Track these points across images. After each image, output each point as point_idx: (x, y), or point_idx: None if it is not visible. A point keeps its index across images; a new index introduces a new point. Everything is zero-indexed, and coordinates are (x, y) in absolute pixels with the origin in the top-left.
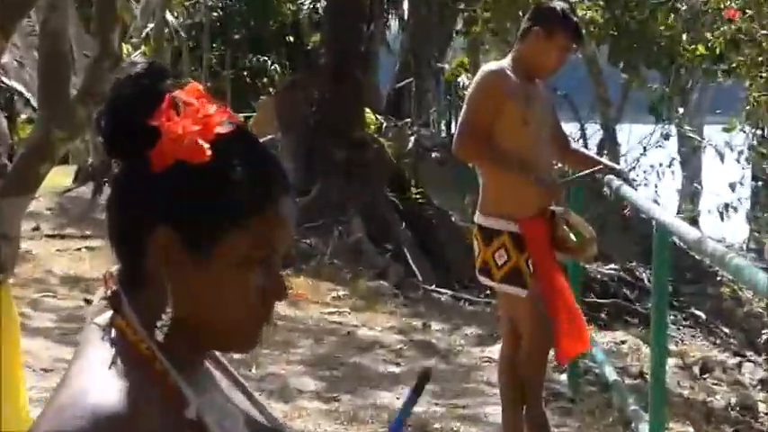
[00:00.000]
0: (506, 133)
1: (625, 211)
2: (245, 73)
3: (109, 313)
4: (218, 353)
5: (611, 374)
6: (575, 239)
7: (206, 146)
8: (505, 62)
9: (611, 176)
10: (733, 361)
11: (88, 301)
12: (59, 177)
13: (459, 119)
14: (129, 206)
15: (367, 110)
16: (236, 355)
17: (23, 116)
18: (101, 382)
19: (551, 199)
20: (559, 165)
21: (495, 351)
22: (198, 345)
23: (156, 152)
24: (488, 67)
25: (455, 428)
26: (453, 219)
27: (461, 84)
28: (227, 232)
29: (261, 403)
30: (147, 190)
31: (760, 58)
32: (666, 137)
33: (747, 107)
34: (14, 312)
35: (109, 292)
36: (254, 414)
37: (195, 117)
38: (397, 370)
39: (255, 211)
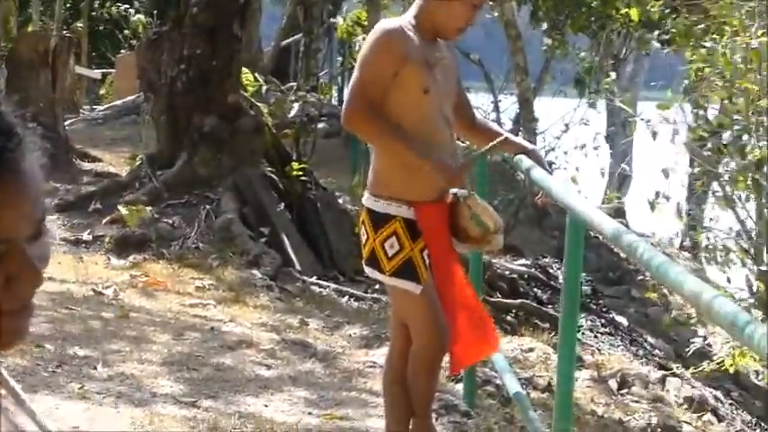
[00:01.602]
0: (402, 102)
1: (537, 199)
2: (104, 24)
3: None
4: None
5: (513, 386)
6: (478, 229)
7: None
8: (405, 19)
9: (522, 156)
10: (656, 375)
11: None
12: None
13: (350, 84)
14: None
15: (244, 70)
16: (80, 352)
17: None
18: None
19: (451, 186)
20: (464, 141)
21: (381, 355)
22: None
23: None
24: (384, 24)
25: None
26: (341, 201)
27: (357, 44)
28: None
29: (32, 411)
30: None
31: (702, 26)
32: (593, 105)
33: (686, 81)
34: None
35: None
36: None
37: None
38: (267, 373)
39: None
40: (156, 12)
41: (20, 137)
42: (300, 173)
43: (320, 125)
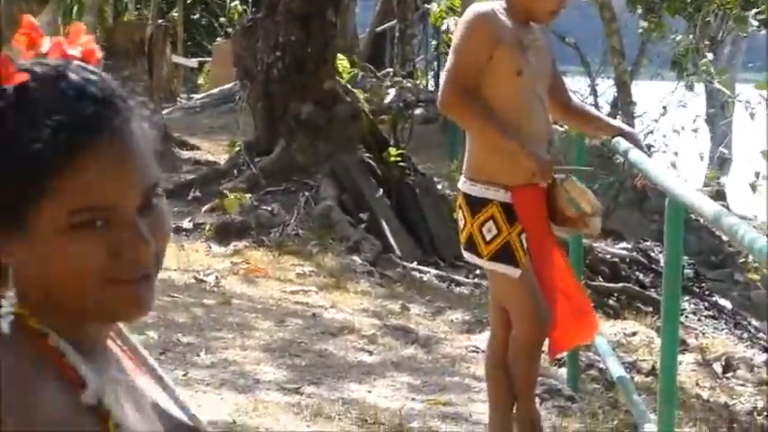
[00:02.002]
0: (496, 85)
1: (636, 182)
2: (201, 12)
3: None
4: (123, 331)
5: (617, 370)
6: (576, 212)
7: None
8: (497, 2)
9: (620, 139)
10: (761, 358)
11: None
12: None
13: (444, 68)
14: None
15: (340, 57)
16: (184, 339)
17: None
18: None
19: (542, 179)
20: (560, 125)
21: (483, 340)
22: (74, 322)
23: None
24: (476, 7)
25: (435, 428)
26: (440, 186)
27: (450, 28)
28: (40, 202)
29: (172, 389)
30: None
31: None
32: (691, 87)
33: None
34: None
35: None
36: (164, 402)
37: None
38: (369, 359)
39: (66, 170)
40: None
41: (121, 105)
42: (398, 158)
43: (417, 111)
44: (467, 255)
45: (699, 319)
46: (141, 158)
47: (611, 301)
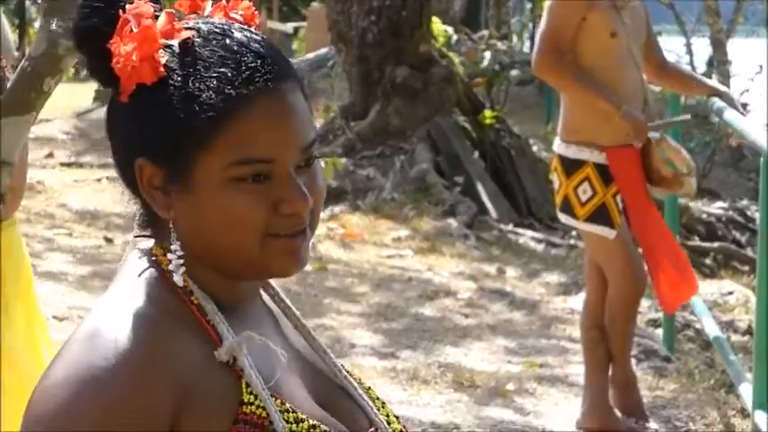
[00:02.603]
0: (591, 46)
1: (731, 141)
2: None
3: (152, 241)
4: (277, 288)
5: (713, 330)
6: (671, 172)
7: (163, 60)
8: None
9: (715, 99)
10: None
11: (108, 240)
12: (77, 97)
13: (539, 30)
14: (114, 139)
15: (435, 20)
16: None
17: (38, 24)
18: (129, 313)
19: (638, 139)
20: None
21: (579, 301)
22: (229, 277)
23: (117, 78)
24: None
25: (531, 390)
26: (535, 148)
27: None
28: (203, 154)
29: (323, 348)
30: (121, 120)
31: None
32: None
33: None
34: (24, 254)
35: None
36: (314, 359)
37: (140, 33)
38: (465, 322)
39: (229, 122)
40: None
41: (282, 63)
42: (493, 121)
43: (513, 73)
44: (562, 217)
45: None
46: (301, 115)
47: (707, 261)
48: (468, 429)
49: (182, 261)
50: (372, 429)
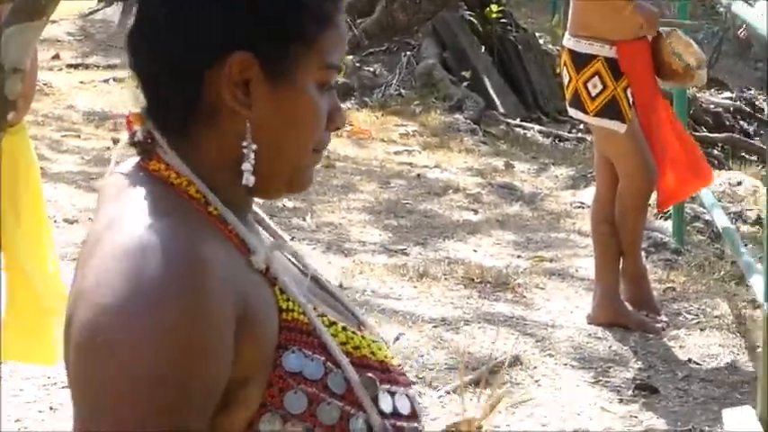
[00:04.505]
0: None
1: (740, 32)
2: None
3: (133, 160)
4: (256, 207)
5: (722, 221)
6: (682, 64)
7: None
8: None
9: None
10: None
11: (117, 141)
12: None
13: None
14: (192, 30)
15: None
16: (289, 204)
17: None
18: (158, 223)
19: (651, 30)
20: None
21: (588, 195)
22: (251, 189)
23: None
24: None
25: (541, 284)
26: (542, 41)
27: None
28: (303, 54)
29: (301, 256)
30: (219, 11)
31: None
32: None
33: None
34: (33, 157)
35: (138, 134)
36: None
37: None
38: (474, 218)
39: (325, 28)
40: None
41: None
42: (499, 15)
43: None
44: (572, 111)
45: None
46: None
47: (715, 152)
48: (477, 325)
49: (252, 162)
50: (363, 326)
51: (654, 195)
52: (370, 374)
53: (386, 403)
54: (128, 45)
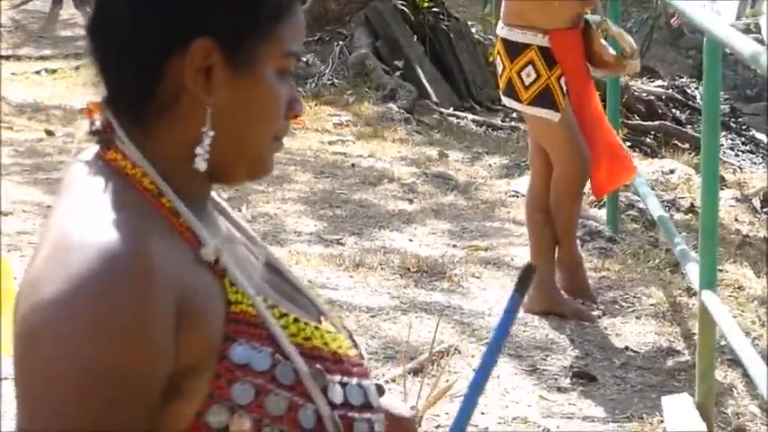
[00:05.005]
0: None
1: (672, 21)
2: None
3: (94, 149)
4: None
5: (656, 209)
6: (613, 53)
7: None
8: None
9: None
10: None
11: (50, 133)
12: None
13: None
14: (153, 18)
15: None
16: (223, 194)
17: None
18: (105, 217)
19: (586, 7)
20: None
21: (522, 184)
22: (208, 178)
23: None
24: None
25: (477, 274)
26: (474, 31)
27: None
28: (264, 41)
29: (264, 246)
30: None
31: None
32: None
33: None
34: None
35: (97, 123)
36: (258, 259)
37: None
38: (409, 207)
39: (284, 16)
40: None
41: None
42: (431, 4)
43: None
44: (506, 100)
45: (736, 155)
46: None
47: (648, 140)
48: (415, 315)
49: (206, 148)
50: (323, 318)
51: (588, 184)
52: (318, 365)
53: (336, 394)
54: (87, 32)
